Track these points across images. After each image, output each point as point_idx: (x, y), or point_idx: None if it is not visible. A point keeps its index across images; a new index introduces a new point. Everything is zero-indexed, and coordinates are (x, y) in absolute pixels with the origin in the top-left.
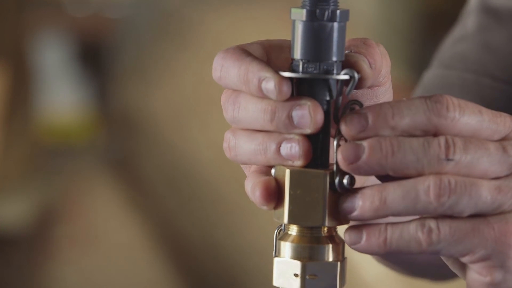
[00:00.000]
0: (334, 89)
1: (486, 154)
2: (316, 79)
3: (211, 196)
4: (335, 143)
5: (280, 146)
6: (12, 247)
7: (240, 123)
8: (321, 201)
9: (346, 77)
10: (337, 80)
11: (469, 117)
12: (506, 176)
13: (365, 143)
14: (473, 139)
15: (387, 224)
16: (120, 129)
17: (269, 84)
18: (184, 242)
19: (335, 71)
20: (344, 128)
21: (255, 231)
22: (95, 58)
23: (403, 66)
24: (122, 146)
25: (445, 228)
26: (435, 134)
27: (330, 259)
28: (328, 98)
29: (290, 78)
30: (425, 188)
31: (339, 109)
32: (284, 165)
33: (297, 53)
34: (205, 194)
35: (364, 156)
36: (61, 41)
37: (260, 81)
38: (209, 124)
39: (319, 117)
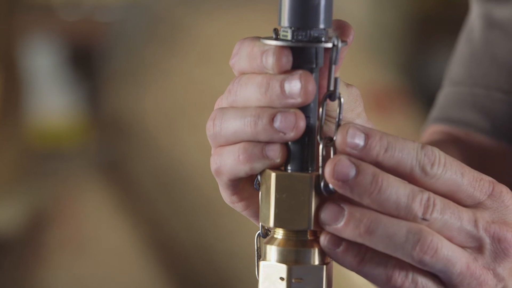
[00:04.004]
0: (321, 56)
1: (458, 223)
2: (305, 47)
3: (202, 199)
4: (321, 146)
5: (273, 118)
6: (3, 251)
7: (237, 102)
8: (306, 204)
9: (329, 45)
10: (325, 48)
11: (450, 178)
12: (476, 251)
13: (346, 210)
14: (451, 203)
15: (367, 248)
16: (111, 133)
17: (269, 56)
18: (175, 245)
19: (323, 39)
20: (339, 140)
21: (245, 235)
22: (86, 62)
23: (395, 70)
24: (113, 150)
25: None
26: (414, 182)
27: (316, 262)
28: (314, 66)
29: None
30: (415, 240)
31: (329, 81)
32: (269, 169)
33: (286, 21)
34: (196, 198)
35: (341, 224)
36: (52, 45)
37: (262, 53)
38: (200, 127)
39: (311, 87)
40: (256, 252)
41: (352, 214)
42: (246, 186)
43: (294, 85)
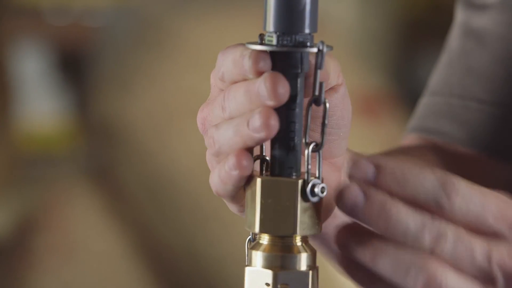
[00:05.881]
0: (306, 61)
1: (469, 256)
2: (290, 51)
3: (191, 205)
4: (306, 152)
5: (249, 121)
6: None
7: (232, 115)
8: (292, 209)
9: (314, 50)
10: (310, 53)
11: (470, 211)
12: (488, 284)
13: (352, 237)
14: (464, 234)
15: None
16: (99, 138)
17: (246, 59)
18: (163, 251)
19: (309, 44)
20: (348, 171)
21: (234, 240)
22: (75, 67)
23: (382, 74)
24: (102, 155)
25: None
26: (430, 211)
27: (302, 268)
28: (299, 71)
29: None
30: (417, 276)
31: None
32: (255, 174)
33: (271, 26)
34: (184, 203)
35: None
36: (40, 50)
37: (242, 58)
38: (188, 133)
39: (281, 89)
40: (246, 257)
41: (359, 240)
42: None
43: (264, 88)
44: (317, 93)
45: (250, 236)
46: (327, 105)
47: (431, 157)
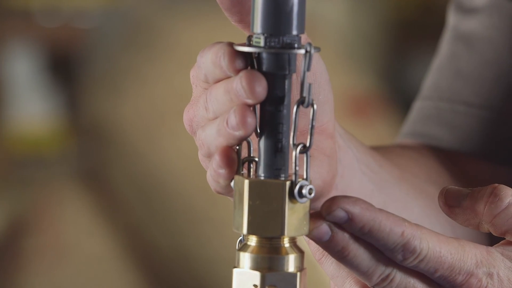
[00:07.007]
0: (294, 63)
1: None
2: (277, 53)
3: (182, 206)
4: (294, 153)
5: (227, 120)
6: None
7: (216, 115)
8: (280, 211)
9: (302, 51)
10: (297, 54)
11: (422, 268)
12: None
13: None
14: (412, 280)
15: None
16: (90, 139)
17: (223, 60)
18: (154, 252)
19: (296, 45)
20: (324, 212)
21: (225, 241)
22: (65, 68)
23: (373, 76)
24: (93, 156)
25: None
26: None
27: (290, 269)
28: (287, 72)
29: (250, 53)
30: None
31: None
32: (242, 176)
33: (258, 27)
34: (175, 204)
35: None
36: (31, 51)
37: (219, 59)
38: (179, 134)
39: (258, 87)
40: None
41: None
42: None
43: (241, 88)
44: (305, 94)
45: (241, 237)
46: (315, 106)
47: (426, 152)
